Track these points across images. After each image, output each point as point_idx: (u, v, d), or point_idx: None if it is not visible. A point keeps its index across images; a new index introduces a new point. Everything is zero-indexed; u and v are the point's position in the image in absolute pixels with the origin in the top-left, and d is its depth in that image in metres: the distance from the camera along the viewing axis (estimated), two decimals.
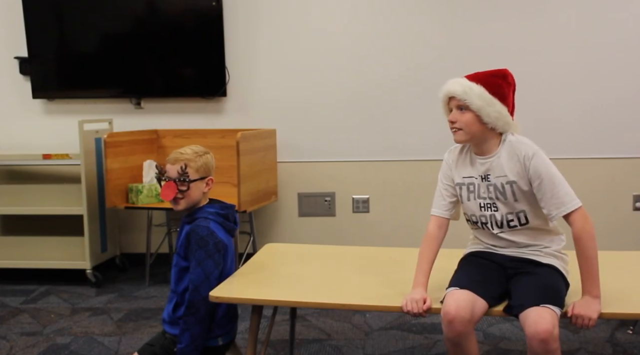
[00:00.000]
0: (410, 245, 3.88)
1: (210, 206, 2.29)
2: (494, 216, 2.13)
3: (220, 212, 2.27)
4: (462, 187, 2.19)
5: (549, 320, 1.88)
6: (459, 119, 2.09)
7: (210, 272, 2.16)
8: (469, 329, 1.97)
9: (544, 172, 2.02)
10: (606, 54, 3.96)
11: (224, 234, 2.26)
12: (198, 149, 2.31)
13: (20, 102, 4.32)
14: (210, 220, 2.23)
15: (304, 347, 2.95)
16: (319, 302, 2.18)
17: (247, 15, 4.11)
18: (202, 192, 2.28)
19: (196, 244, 2.17)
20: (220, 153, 4.07)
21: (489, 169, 2.11)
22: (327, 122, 4.11)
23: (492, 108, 2.06)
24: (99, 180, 3.97)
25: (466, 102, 2.07)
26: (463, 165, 2.21)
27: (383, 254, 2.74)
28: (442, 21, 4.04)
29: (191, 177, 2.25)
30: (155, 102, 4.27)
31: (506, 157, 2.08)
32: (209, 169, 2.31)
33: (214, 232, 2.20)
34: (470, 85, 2.08)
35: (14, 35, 4.21)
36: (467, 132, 2.09)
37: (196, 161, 2.27)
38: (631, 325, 3.06)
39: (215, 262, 2.18)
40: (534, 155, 2.03)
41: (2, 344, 3.04)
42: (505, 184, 2.08)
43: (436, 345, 2.95)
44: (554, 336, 1.87)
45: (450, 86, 2.13)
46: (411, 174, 4.14)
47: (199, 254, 2.16)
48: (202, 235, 2.18)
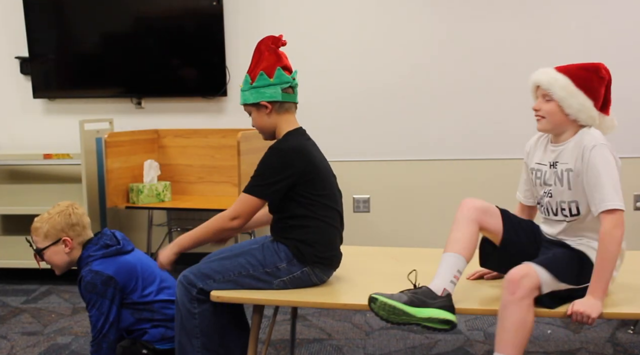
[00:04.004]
0: (410, 245, 3.89)
1: (89, 247, 2.35)
2: (549, 203, 2.18)
3: (101, 244, 2.34)
4: (534, 172, 2.26)
5: (523, 269, 1.97)
6: (542, 108, 2.15)
7: (106, 311, 2.27)
8: (476, 215, 2.11)
9: (597, 166, 2.04)
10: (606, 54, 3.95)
11: (116, 262, 2.32)
12: (50, 212, 2.36)
13: (21, 102, 4.32)
14: (92, 262, 2.31)
15: (304, 347, 2.95)
16: (320, 302, 2.19)
17: (247, 14, 4.11)
18: (64, 254, 2.34)
19: (85, 290, 2.30)
20: (221, 153, 4.07)
21: (558, 157, 2.16)
22: (328, 122, 4.10)
23: (575, 100, 2.10)
24: (100, 180, 3.97)
25: (549, 92, 2.12)
26: (537, 152, 2.27)
27: (383, 253, 2.74)
28: (442, 21, 4.04)
29: (41, 245, 2.33)
30: (156, 102, 4.27)
31: (572, 146, 2.12)
32: (60, 231, 2.34)
33: (98, 272, 2.28)
34: (556, 76, 2.13)
35: (14, 35, 4.21)
36: (549, 120, 2.15)
37: (41, 228, 2.33)
38: (632, 325, 3.07)
39: (108, 300, 2.27)
40: (593, 147, 2.06)
41: (3, 343, 3.04)
42: (564, 171, 2.13)
43: (437, 345, 2.95)
44: (521, 284, 1.94)
45: (537, 75, 2.19)
46: (412, 174, 4.14)
47: (91, 297, 2.29)
48: (87, 280, 2.28)
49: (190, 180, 4.14)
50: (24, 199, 4.01)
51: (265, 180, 2.19)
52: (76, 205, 2.42)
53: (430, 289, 2.00)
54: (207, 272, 2.23)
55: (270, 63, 2.23)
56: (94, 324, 2.29)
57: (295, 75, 2.29)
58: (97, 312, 2.27)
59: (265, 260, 2.22)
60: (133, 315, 2.35)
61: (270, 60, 2.24)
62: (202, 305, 2.21)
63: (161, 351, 2.34)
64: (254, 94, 2.23)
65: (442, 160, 4.10)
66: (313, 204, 2.21)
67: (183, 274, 2.25)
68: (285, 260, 2.21)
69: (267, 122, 2.27)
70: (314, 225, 2.21)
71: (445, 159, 4.10)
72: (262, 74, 2.22)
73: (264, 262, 2.22)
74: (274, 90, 2.22)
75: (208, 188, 4.11)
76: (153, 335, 2.35)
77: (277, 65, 2.24)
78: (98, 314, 2.27)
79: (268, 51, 2.25)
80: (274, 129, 2.29)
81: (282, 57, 2.27)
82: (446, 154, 4.10)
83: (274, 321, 2.52)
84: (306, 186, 2.20)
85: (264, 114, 2.26)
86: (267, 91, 2.22)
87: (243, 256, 2.25)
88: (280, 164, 2.18)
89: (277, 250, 2.23)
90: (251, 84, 2.24)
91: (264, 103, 2.23)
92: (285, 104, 2.26)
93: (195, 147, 4.12)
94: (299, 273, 2.22)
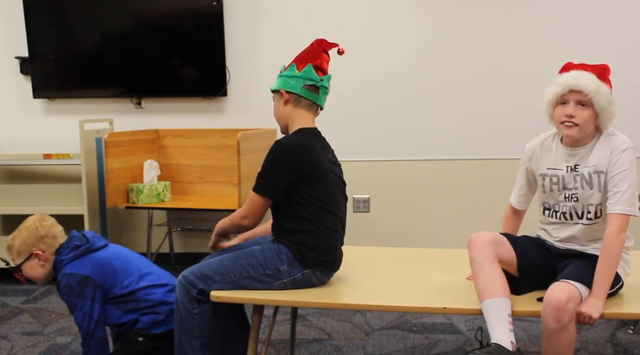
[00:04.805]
0: (410, 245, 3.89)
1: (60, 252, 2.36)
2: (574, 207, 2.13)
3: (71, 247, 2.36)
4: (546, 177, 2.19)
5: (566, 292, 1.91)
6: (578, 115, 2.07)
7: (88, 310, 2.29)
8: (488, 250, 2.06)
9: (626, 168, 2.03)
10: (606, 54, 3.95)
11: (89, 261, 2.34)
12: (20, 229, 2.39)
13: (21, 102, 4.32)
14: (65, 266, 2.33)
15: (304, 347, 2.95)
16: (320, 302, 2.19)
17: (247, 14, 4.11)
18: (39, 268, 2.37)
19: (64, 294, 2.33)
20: (221, 153, 4.07)
21: (579, 160, 2.12)
22: (328, 122, 4.07)
23: (611, 108, 2.07)
24: (100, 180, 3.97)
25: (592, 100, 2.05)
26: (547, 157, 2.20)
27: (383, 253, 2.74)
28: (442, 21, 4.04)
29: (17, 262, 2.36)
30: (156, 102, 4.27)
31: (600, 148, 2.09)
32: (30, 245, 2.36)
33: (72, 274, 2.30)
34: (601, 85, 2.06)
35: (14, 35, 4.21)
36: (582, 128, 2.08)
37: (14, 246, 2.37)
38: (632, 325, 3.07)
39: (89, 299, 2.29)
40: (625, 150, 2.05)
41: (3, 343, 3.04)
42: (594, 174, 2.09)
43: (437, 345, 2.95)
44: (567, 308, 1.89)
45: (578, 80, 2.07)
46: (412, 174, 4.14)
47: (71, 300, 2.31)
48: (63, 285, 2.32)
49: (190, 180, 4.15)
50: (24, 199, 4.01)
51: (270, 176, 2.20)
52: (45, 217, 2.44)
53: (501, 345, 1.91)
54: (207, 273, 2.22)
55: (307, 58, 2.27)
56: (80, 325, 2.31)
57: (328, 79, 2.31)
58: (81, 313, 2.29)
59: (266, 261, 2.22)
60: (119, 309, 2.36)
61: (308, 57, 2.27)
62: (202, 305, 2.21)
63: (157, 335, 2.35)
64: (279, 82, 2.29)
65: (442, 160, 4.10)
66: (315, 207, 2.21)
67: (183, 274, 2.25)
68: (286, 263, 2.21)
69: (283, 112, 2.29)
70: (317, 230, 2.21)
71: (445, 159, 4.10)
72: (293, 66, 2.26)
73: (264, 264, 2.22)
74: (297, 83, 2.25)
75: (208, 188, 4.11)
76: (144, 322, 2.35)
77: (310, 62, 2.26)
78: (82, 315, 2.29)
79: (314, 49, 2.28)
80: (288, 121, 2.30)
81: (322, 59, 2.29)
82: (446, 154, 4.10)
83: (274, 321, 2.52)
84: (309, 188, 2.19)
85: (281, 102, 2.29)
86: (290, 81, 2.25)
87: (244, 257, 2.25)
88: (284, 159, 2.18)
89: (278, 252, 2.22)
90: (282, 72, 2.29)
91: (283, 91, 2.26)
92: (304, 100, 2.27)
93: (195, 147, 4.12)
94: (300, 275, 2.22)
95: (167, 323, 2.34)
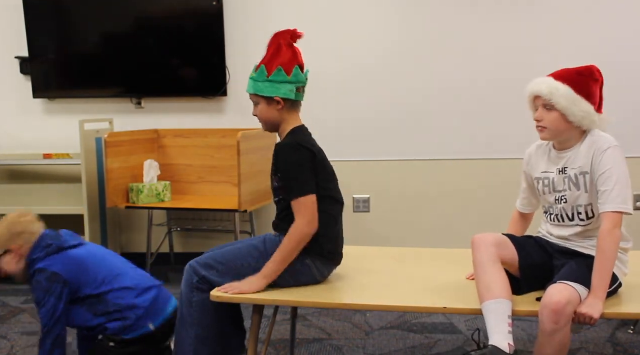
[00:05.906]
0: (410, 245, 3.89)
1: (33, 250, 2.34)
2: (564, 209, 2.16)
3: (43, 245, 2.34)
4: (540, 181, 2.24)
5: (565, 295, 1.92)
6: (544, 118, 2.13)
7: (52, 308, 2.26)
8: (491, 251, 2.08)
9: (610, 167, 2.04)
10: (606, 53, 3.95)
11: (60, 258, 2.32)
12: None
13: (21, 102, 4.31)
14: (38, 262, 2.31)
15: (304, 347, 2.95)
16: (320, 302, 2.19)
17: (247, 14, 4.11)
18: (15, 264, 2.35)
19: (34, 291, 2.32)
20: (221, 153, 4.07)
21: (567, 162, 2.15)
22: (327, 122, 4.10)
23: (578, 108, 2.09)
24: (100, 180, 3.97)
25: (552, 102, 2.09)
26: (541, 161, 2.25)
27: (383, 253, 2.74)
28: (442, 21, 4.04)
29: None
30: (156, 102, 4.27)
31: (585, 150, 2.11)
32: (6, 241, 2.35)
33: (42, 270, 2.29)
34: (557, 86, 2.10)
35: (14, 35, 4.21)
36: (552, 130, 2.13)
37: None
38: (632, 325, 3.06)
39: (55, 297, 2.27)
40: (607, 149, 2.07)
41: (3, 343, 3.04)
42: (579, 175, 2.12)
43: (437, 345, 2.95)
44: (565, 312, 1.89)
45: (536, 86, 2.15)
46: (412, 174, 4.14)
47: (38, 295, 2.29)
48: (34, 280, 2.31)
49: (190, 180, 4.14)
50: (24, 199, 4.01)
51: (302, 175, 2.21)
52: (24, 213, 2.43)
53: (497, 347, 1.92)
54: (210, 263, 2.27)
55: (289, 59, 2.24)
56: (42, 321, 2.28)
57: (307, 74, 2.31)
58: (45, 310, 2.27)
59: (267, 252, 2.24)
60: (89, 311, 2.35)
61: (288, 57, 2.24)
62: (201, 294, 2.24)
63: (129, 341, 2.34)
64: (269, 88, 2.24)
65: (442, 160, 4.10)
66: (320, 195, 2.23)
67: (189, 264, 2.30)
68: None
69: (276, 117, 2.29)
70: (321, 218, 2.22)
71: (446, 159, 4.10)
72: (280, 70, 2.22)
73: (266, 254, 2.24)
74: (290, 88, 2.24)
75: (208, 188, 4.11)
76: (112, 329, 2.33)
77: (295, 63, 2.25)
78: (45, 312, 2.27)
79: (286, 46, 2.26)
80: (280, 124, 2.30)
81: (299, 55, 2.28)
82: (446, 154, 4.09)
83: (274, 321, 2.52)
84: (317, 177, 2.24)
85: (274, 108, 2.27)
86: (282, 88, 2.23)
87: (246, 248, 2.30)
88: (304, 158, 2.21)
89: (279, 243, 2.23)
90: (267, 76, 2.23)
91: (278, 99, 2.24)
92: (296, 103, 2.28)
93: (195, 147, 4.12)
94: (300, 266, 2.23)
95: (138, 328, 2.33)
